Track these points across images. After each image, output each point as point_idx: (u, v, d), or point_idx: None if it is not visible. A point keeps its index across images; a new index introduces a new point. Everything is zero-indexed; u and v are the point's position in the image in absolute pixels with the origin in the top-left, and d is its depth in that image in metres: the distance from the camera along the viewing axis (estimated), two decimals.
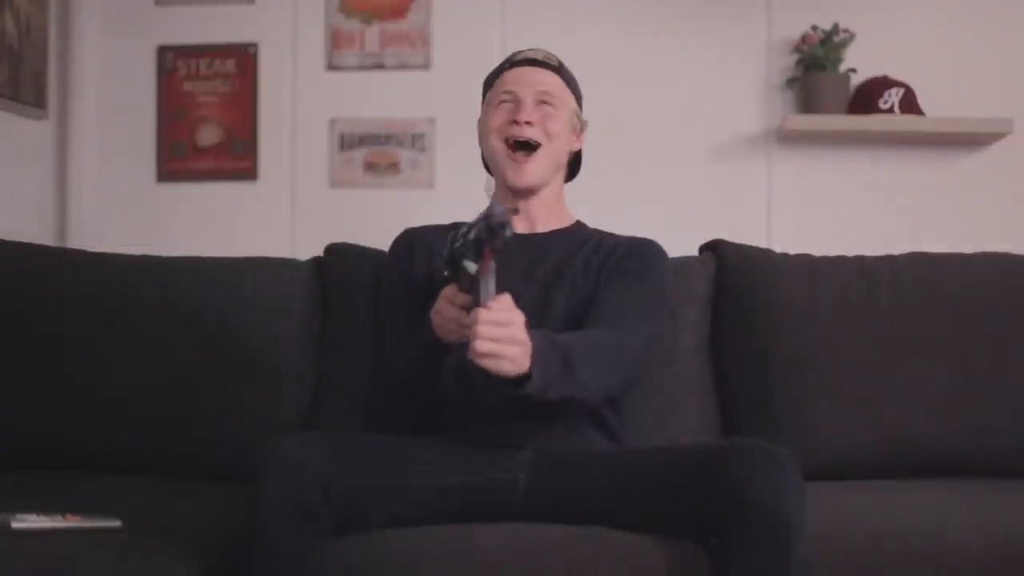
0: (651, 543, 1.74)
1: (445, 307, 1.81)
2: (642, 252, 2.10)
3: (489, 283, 1.70)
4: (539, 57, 2.15)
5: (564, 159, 2.16)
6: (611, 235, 2.16)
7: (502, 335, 1.67)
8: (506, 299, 1.70)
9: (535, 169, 2.08)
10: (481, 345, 1.66)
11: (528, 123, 2.06)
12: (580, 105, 2.21)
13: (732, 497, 1.64)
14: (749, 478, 1.65)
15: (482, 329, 1.66)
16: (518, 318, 1.69)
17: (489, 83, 2.20)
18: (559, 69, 2.17)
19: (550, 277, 2.03)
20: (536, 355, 1.73)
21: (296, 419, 2.27)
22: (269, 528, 1.64)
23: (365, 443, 1.83)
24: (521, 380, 1.73)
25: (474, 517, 1.80)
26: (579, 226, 2.19)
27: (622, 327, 1.95)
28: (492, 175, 2.20)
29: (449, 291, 1.81)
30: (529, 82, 2.11)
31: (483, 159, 2.23)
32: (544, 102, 2.10)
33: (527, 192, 2.11)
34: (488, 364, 1.68)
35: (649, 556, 1.72)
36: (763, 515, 1.62)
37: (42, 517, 1.68)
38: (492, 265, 1.70)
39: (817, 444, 2.21)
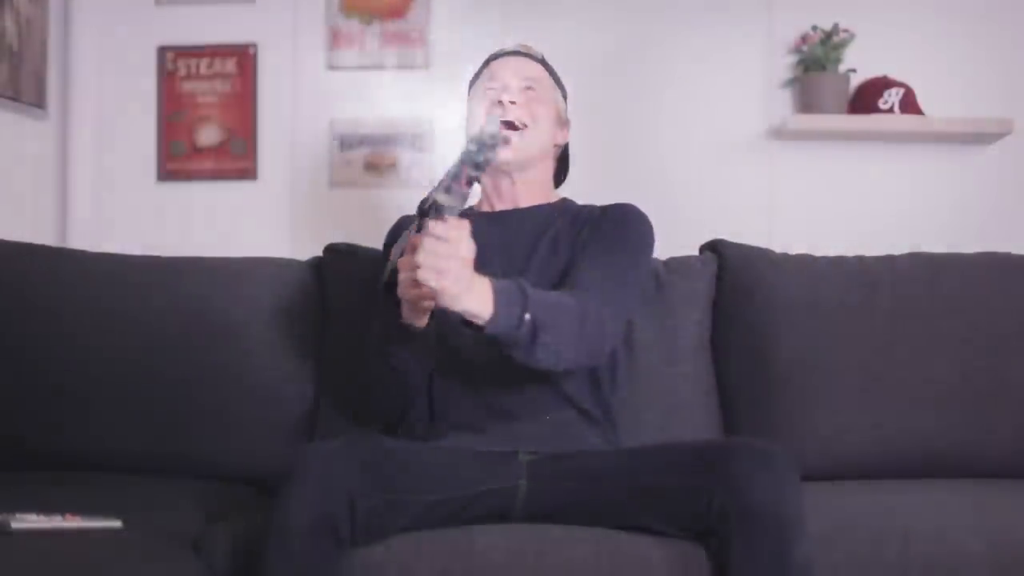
0: (651, 543, 1.74)
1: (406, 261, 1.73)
2: (618, 215, 2.08)
3: (454, 209, 1.66)
4: (521, 49, 2.15)
5: (550, 149, 2.15)
6: (593, 206, 2.13)
7: (444, 250, 1.64)
8: (462, 223, 1.66)
9: (519, 143, 2.05)
10: (421, 256, 1.63)
11: (513, 103, 2.05)
12: (565, 100, 2.21)
13: (732, 498, 1.64)
14: (749, 478, 1.65)
15: (426, 241, 1.64)
16: (466, 239, 1.66)
17: (474, 80, 2.20)
18: (543, 61, 2.17)
19: (523, 251, 2.01)
20: (498, 292, 1.71)
21: (296, 419, 2.27)
22: (291, 537, 1.62)
23: (390, 453, 1.81)
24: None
25: (476, 523, 1.80)
26: (564, 202, 2.17)
27: (594, 296, 1.90)
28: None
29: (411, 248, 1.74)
30: (513, 70, 2.11)
31: None
32: (529, 88, 2.09)
33: (512, 169, 2.08)
34: (435, 283, 1.64)
35: (649, 556, 1.72)
36: (763, 515, 1.62)
37: (42, 517, 1.67)
38: (464, 192, 1.67)
39: (817, 444, 2.21)
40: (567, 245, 2.04)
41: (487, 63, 2.17)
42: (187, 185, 3.08)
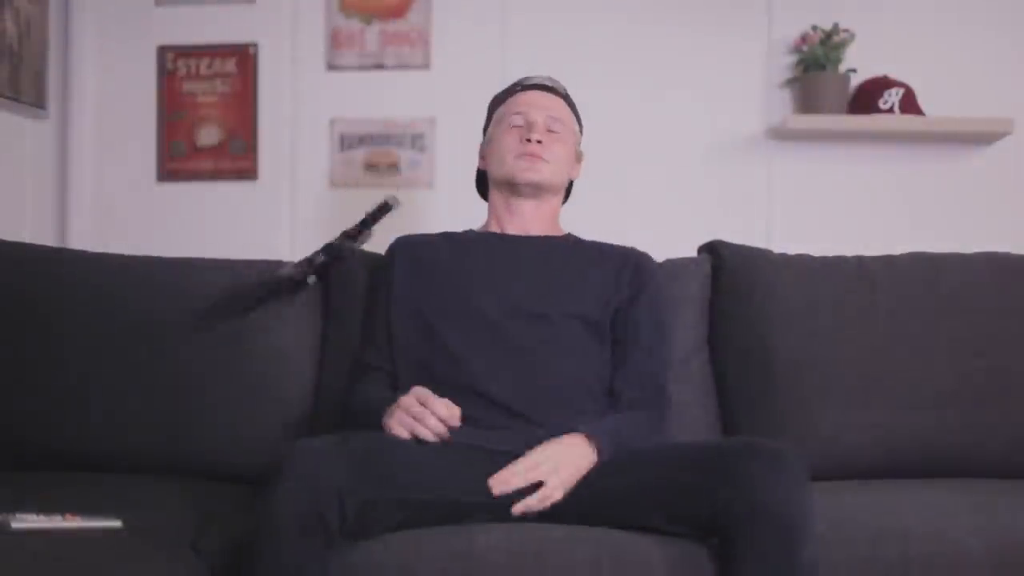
0: (651, 543, 1.74)
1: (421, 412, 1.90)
2: (645, 270, 2.18)
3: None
4: (548, 83, 2.23)
5: (564, 185, 2.25)
6: (604, 244, 2.22)
7: (534, 474, 1.84)
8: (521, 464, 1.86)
9: (544, 168, 2.15)
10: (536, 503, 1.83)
11: (539, 142, 2.14)
12: (581, 135, 2.30)
13: (740, 497, 1.65)
14: (757, 478, 1.65)
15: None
16: (542, 462, 1.85)
17: (498, 101, 2.26)
18: (566, 97, 2.26)
19: (544, 277, 2.08)
20: (603, 441, 1.89)
21: (297, 420, 2.26)
22: (281, 534, 1.62)
23: (380, 450, 1.82)
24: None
25: (476, 522, 1.81)
26: (569, 236, 2.26)
27: (652, 386, 2.08)
28: (487, 197, 2.27)
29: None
30: (540, 106, 2.19)
31: (477, 178, 2.32)
32: (551, 130, 2.17)
33: (530, 194, 2.16)
34: (561, 492, 1.84)
35: (649, 556, 1.72)
36: (771, 516, 1.62)
37: (42, 517, 1.67)
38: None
39: (817, 444, 2.21)
40: (607, 289, 2.12)
41: (512, 92, 2.23)
42: (187, 185, 3.08)
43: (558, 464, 1.84)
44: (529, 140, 2.14)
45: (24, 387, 2.24)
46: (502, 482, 1.82)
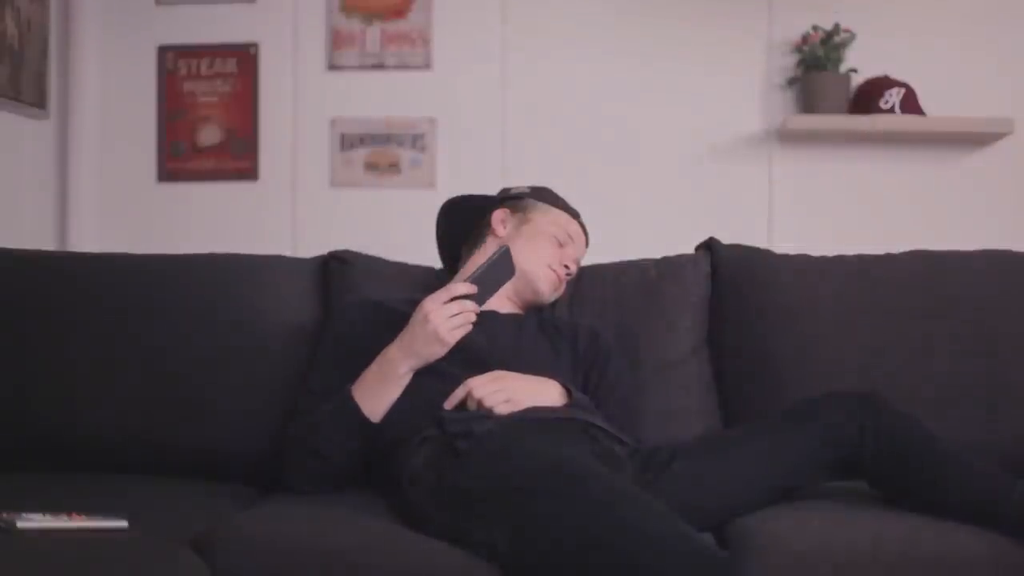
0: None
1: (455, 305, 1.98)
2: (604, 339, 2.22)
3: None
4: (584, 229, 2.34)
5: None
6: (559, 320, 2.27)
7: (501, 390, 1.92)
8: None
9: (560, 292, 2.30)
10: (493, 397, 1.90)
11: (569, 275, 2.28)
12: None
13: (880, 421, 1.88)
14: (879, 402, 1.91)
15: (486, 394, 1.90)
16: (509, 376, 1.96)
17: (551, 198, 2.30)
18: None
19: (526, 353, 2.12)
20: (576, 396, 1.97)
21: None
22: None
23: None
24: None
25: None
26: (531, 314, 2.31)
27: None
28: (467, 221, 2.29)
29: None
30: (581, 246, 2.32)
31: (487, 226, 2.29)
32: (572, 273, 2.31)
33: (541, 302, 2.26)
34: (507, 407, 1.90)
35: None
36: (910, 424, 1.91)
37: (48, 517, 1.67)
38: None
39: None
40: (568, 358, 2.16)
41: (569, 211, 2.29)
42: (187, 185, 3.08)
43: (524, 381, 1.97)
44: (567, 267, 2.25)
45: (27, 387, 2.24)
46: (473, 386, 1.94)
